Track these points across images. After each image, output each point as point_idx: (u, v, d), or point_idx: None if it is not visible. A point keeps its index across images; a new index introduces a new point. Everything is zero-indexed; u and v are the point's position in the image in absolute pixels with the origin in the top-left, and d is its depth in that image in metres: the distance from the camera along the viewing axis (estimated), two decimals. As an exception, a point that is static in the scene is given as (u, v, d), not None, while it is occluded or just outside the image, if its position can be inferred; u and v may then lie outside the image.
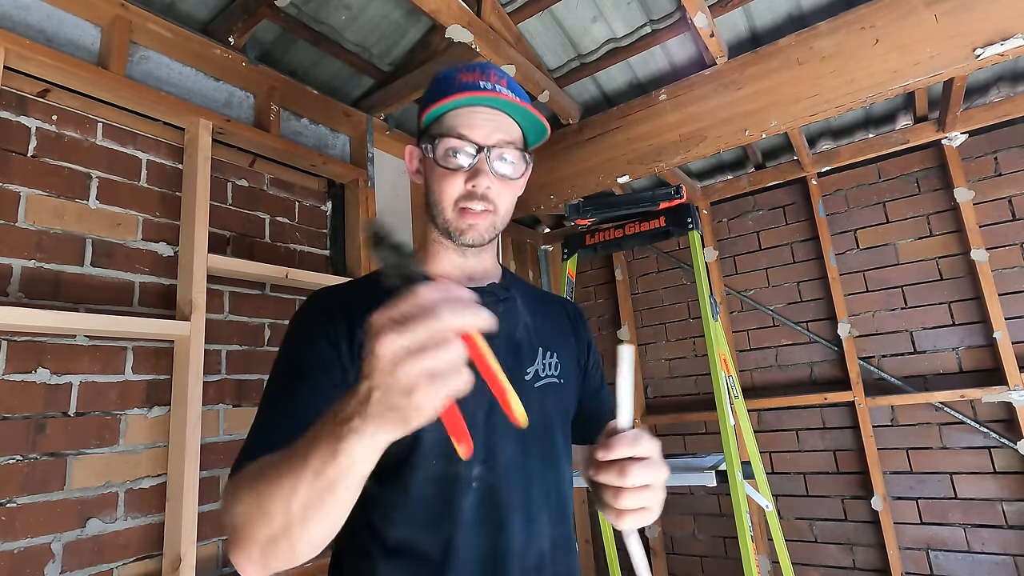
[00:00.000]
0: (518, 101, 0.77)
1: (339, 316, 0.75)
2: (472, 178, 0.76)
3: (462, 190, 0.77)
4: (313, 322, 0.76)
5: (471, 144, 0.77)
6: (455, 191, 0.77)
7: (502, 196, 0.80)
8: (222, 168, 1.78)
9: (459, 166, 0.77)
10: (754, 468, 2.21)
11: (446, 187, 0.78)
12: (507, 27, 1.92)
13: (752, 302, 2.80)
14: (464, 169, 0.77)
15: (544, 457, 0.78)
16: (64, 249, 1.40)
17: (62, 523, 1.29)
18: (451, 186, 0.77)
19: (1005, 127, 2.31)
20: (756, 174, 2.76)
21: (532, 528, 0.73)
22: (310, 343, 0.73)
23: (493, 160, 0.78)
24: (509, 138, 0.79)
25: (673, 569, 2.81)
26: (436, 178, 0.79)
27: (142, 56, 1.62)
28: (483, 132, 0.77)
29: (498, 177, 0.78)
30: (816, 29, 1.87)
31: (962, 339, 2.33)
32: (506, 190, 0.81)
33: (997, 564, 2.15)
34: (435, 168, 0.79)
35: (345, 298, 0.79)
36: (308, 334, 0.75)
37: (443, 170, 0.78)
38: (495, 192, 0.78)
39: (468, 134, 0.77)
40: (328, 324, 0.74)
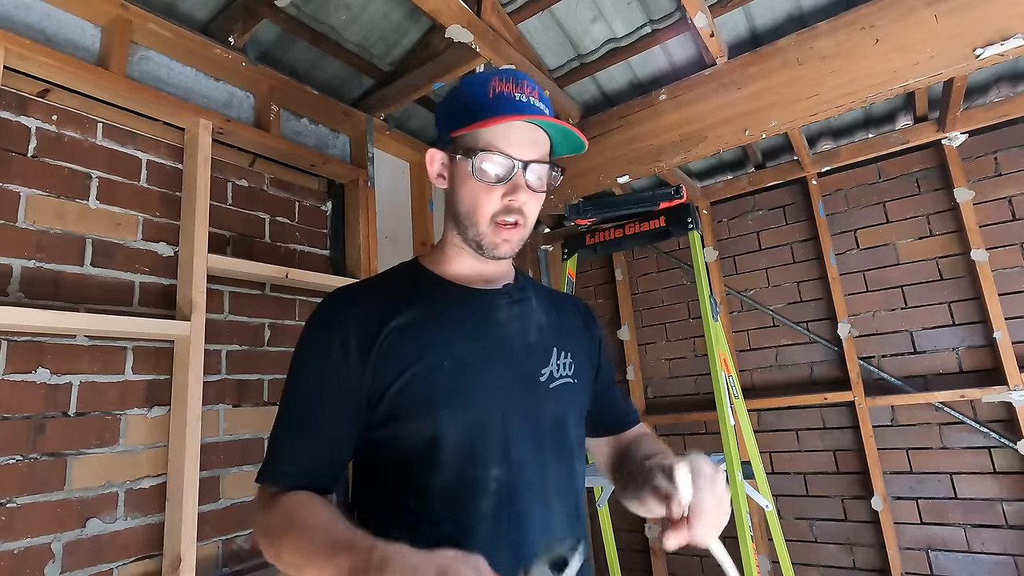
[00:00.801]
0: (559, 122, 0.78)
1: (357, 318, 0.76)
2: (510, 193, 0.77)
3: (499, 205, 0.78)
4: (329, 328, 0.77)
5: (509, 159, 0.77)
6: (492, 206, 0.78)
7: (532, 209, 0.81)
8: (222, 168, 1.78)
9: (497, 180, 0.77)
10: (754, 468, 2.21)
11: (482, 201, 0.78)
12: (507, 27, 1.92)
13: (752, 302, 2.80)
14: (502, 183, 0.78)
15: (559, 457, 0.79)
16: (64, 249, 1.40)
17: (62, 523, 1.29)
18: (488, 201, 0.78)
19: (1005, 127, 2.31)
20: (756, 174, 2.76)
21: (550, 526, 0.74)
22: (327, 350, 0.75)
23: (529, 175, 0.78)
24: (542, 152, 0.81)
25: (673, 569, 2.81)
26: (470, 191, 0.79)
27: (142, 56, 1.62)
28: (521, 147, 0.78)
29: (531, 192, 0.79)
30: (816, 29, 1.87)
31: (962, 339, 2.33)
32: (536, 202, 0.82)
33: (997, 564, 2.15)
34: (469, 180, 0.79)
35: (363, 299, 0.80)
36: (324, 340, 0.76)
37: (479, 184, 0.78)
38: (528, 206, 0.80)
39: (507, 150, 0.77)
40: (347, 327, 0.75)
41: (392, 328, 0.75)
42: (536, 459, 0.75)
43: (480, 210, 0.79)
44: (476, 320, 0.80)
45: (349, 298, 0.81)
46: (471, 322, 0.80)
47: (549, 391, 0.80)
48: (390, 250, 2.25)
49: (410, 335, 0.76)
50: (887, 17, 1.75)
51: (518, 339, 0.81)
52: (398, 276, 0.88)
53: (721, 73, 2.04)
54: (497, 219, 0.78)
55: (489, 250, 0.80)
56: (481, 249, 0.81)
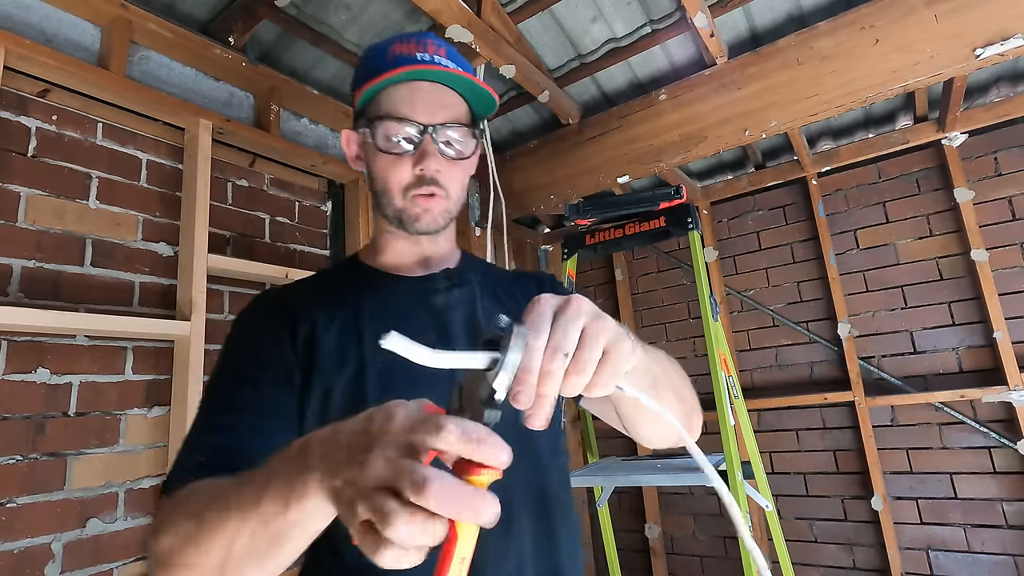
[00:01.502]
0: (459, 72, 0.70)
1: (284, 316, 0.70)
2: (419, 162, 0.70)
3: (410, 177, 0.71)
4: (257, 323, 0.71)
5: (414, 124, 0.70)
6: (403, 178, 0.72)
7: (452, 179, 0.73)
8: (222, 168, 1.78)
9: (404, 150, 0.71)
10: (754, 468, 2.21)
11: (392, 175, 0.72)
12: (507, 27, 1.92)
13: (752, 302, 2.80)
14: (409, 153, 0.71)
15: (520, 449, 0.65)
16: (64, 249, 1.40)
17: (62, 523, 1.29)
18: (397, 173, 0.71)
19: (1005, 127, 2.31)
20: (756, 174, 2.76)
21: (511, 528, 0.65)
22: (255, 347, 0.68)
23: (440, 140, 0.71)
24: (455, 115, 0.73)
25: (673, 569, 2.81)
26: (380, 165, 0.73)
27: (142, 56, 1.62)
28: (426, 110, 0.70)
29: (447, 159, 0.72)
30: (816, 29, 1.87)
31: (962, 339, 2.33)
32: (456, 171, 0.74)
33: (997, 564, 2.15)
34: (377, 154, 0.72)
35: (287, 299, 0.74)
36: (253, 338, 0.70)
37: (386, 156, 0.71)
38: (445, 175, 0.72)
39: (409, 114, 0.70)
40: (275, 324, 0.69)
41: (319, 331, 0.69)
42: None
43: (392, 183, 0.72)
44: (408, 310, 0.73)
45: (277, 295, 0.76)
46: (403, 313, 0.72)
47: None
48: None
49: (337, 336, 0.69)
50: (887, 17, 1.75)
51: (460, 326, 0.72)
52: (330, 274, 0.83)
53: (721, 73, 2.04)
54: (411, 192, 0.72)
55: (410, 224, 0.73)
56: (403, 225, 0.74)
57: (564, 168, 2.42)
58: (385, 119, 0.70)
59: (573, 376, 0.41)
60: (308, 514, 0.40)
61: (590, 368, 0.41)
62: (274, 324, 0.69)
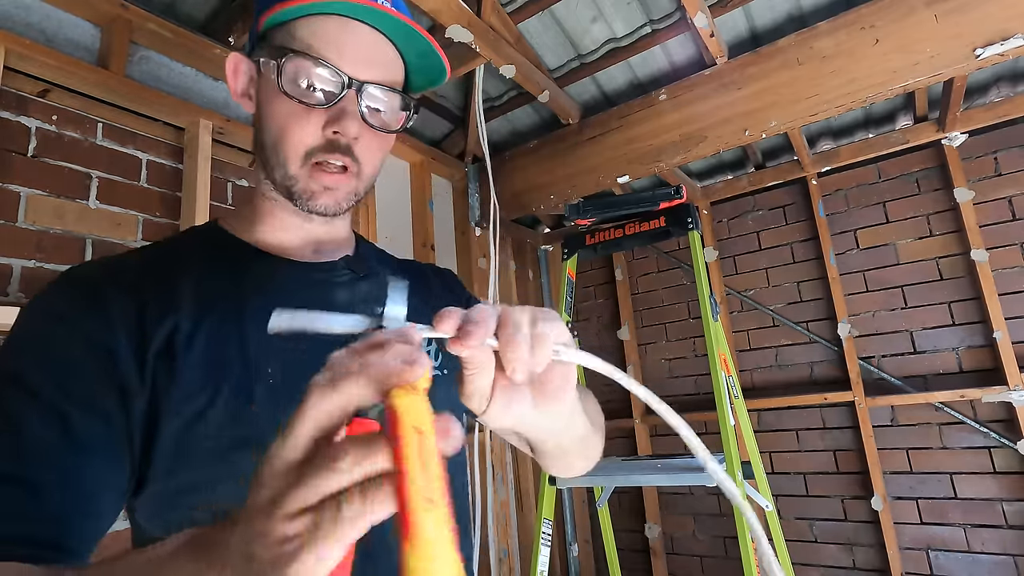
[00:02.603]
0: (407, 20, 0.54)
1: (119, 310, 0.49)
2: (335, 121, 0.54)
3: (319, 138, 0.55)
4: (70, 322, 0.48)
5: (337, 73, 0.54)
6: (308, 137, 0.55)
7: (370, 153, 0.58)
8: (222, 168, 1.78)
9: (316, 101, 0.54)
10: (754, 468, 2.21)
11: (295, 128, 0.54)
12: (507, 27, 1.92)
13: (752, 302, 2.80)
14: (323, 106, 0.54)
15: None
16: (64, 249, 1.40)
17: (62, 523, 1.29)
18: (302, 128, 0.54)
19: (1005, 127, 2.31)
20: (756, 174, 2.76)
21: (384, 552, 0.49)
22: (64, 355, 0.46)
23: (365, 100, 0.56)
24: (391, 75, 0.58)
25: (673, 569, 2.81)
26: (278, 112, 0.55)
27: (142, 56, 1.62)
28: (356, 59, 0.54)
29: (368, 126, 0.56)
30: (816, 29, 1.87)
31: (962, 339, 2.33)
32: (376, 146, 0.59)
33: (997, 564, 2.15)
34: (278, 98, 0.55)
35: (129, 281, 0.51)
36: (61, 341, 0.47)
37: (290, 103, 0.54)
38: (363, 145, 0.57)
39: (335, 59, 0.53)
40: (99, 324, 0.48)
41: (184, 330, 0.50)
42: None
43: (289, 140, 0.55)
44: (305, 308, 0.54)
45: (109, 278, 0.52)
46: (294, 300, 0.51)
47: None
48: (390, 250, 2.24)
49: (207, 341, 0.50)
50: (887, 17, 1.75)
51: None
52: (185, 248, 0.60)
53: (721, 73, 2.04)
54: (315, 157, 0.55)
55: (302, 200, 0.56)
56: (292, 197, 0.57)
57: (564, 168, 2.42)
58: (300, 55, 0.53)
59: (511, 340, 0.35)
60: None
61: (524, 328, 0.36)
62: (107, 321, 0.48)
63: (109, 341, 0.47)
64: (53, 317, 0.49)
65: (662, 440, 2.94)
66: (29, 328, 0.49)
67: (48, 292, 0.51)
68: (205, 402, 0.48)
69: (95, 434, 0.45)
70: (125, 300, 0.50)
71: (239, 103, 0.61)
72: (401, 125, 0.61)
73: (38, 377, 0.45)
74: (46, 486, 0.42)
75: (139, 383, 0.47)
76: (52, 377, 0.45)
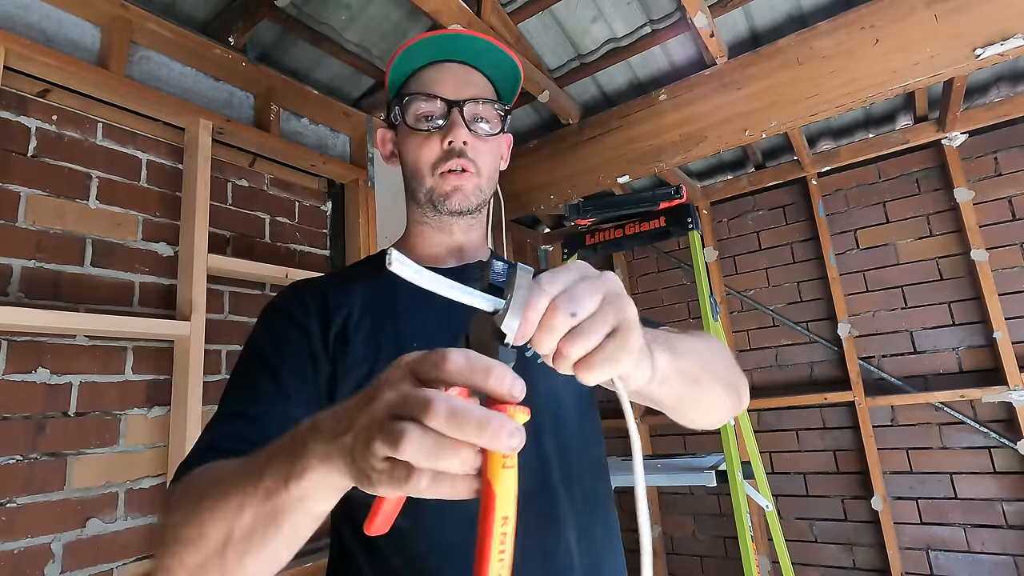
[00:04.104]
0: (483, 36, 0.72)
1: (313, 306, 0.69)
2: (447, 135, 0.71)
3: (439, 151, 0.72)
4: (285, 313, 0.69)
5: (441, 101, 0.72)
6: (432, 154, 0.72)
7: (482, 155, 0.74)
8: (222, 168, 1.78)
9: (432, 127, 0.72)
10: (754, 468, 2.20)
11: (422, 152, 0.72)
12: (507, 27, 1.92)
13: (752, 302, 2.80)
14: (438, 130, 0.72)
15: (557, 440, 0.67)
16: (64, 249, 1.40)
17: (62, 523, 1.29)
18: (427, 150, 0.72)
19: (1005, 127, 2.31)
20: (756, 174, 2.76)
21: (551, 523, 0.63)
22: (280, 334, 0.67)
23: (467, 115, 0.72)
24: (481, 92, 0.75)
25: (673, 569, 2.81)
26: (410, 146, 0.73)
27: (142, 56, 1.62)
28: (452, 87, 0.72)
29: (475, 134, 0.73)
30: (816, 29, 1.87)
31: (962, 339, 2.33)
32: (486, 149, 0.74)
33: (997, 564, 2.15)
34: (408, 135, 0.74)
35: (320, 288, 0.72)
36: (278, 326, 0.68)
37: (415, 133, 0.73)
38: (474, 150, 0.72)
39: (437, 90, 0.72)
40: (307, 313, 0.68)
41: (353, 319, 0.68)
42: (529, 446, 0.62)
43: (422, 161, 0.72)
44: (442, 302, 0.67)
45: (307, 286, 0.74)
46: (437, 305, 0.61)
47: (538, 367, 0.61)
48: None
49: (370, 327, 0.68)
50: (887, 17, 1.75)
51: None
52: (361, 266, 0.81)
53: (721, 73, 2.04)
54: (440, 168, 0.72)
55: (441, 203, 0.72)
56: (434, 206, 0.73)
57: (564, 168, 2.42)
58: (415, 96, 0.72)
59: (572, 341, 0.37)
60: (309, 491, 0.37)
61: (593, 338, 0.37)
62: (306, 313, 0.68)
63: (307, 324, 0.67)
64: (277, 310, 0.71)
65: (662, 440, 2.94)
66: (266, 317, 0.71)
67: (277, 295, 0.74)
68: (367, 369, 0.65)
69: (295, 387, 0.63)
70: (318, 299, 0.70)
71: (389, 164, 0.81)
72: (501, 128, 0.77)
73: (267, 348, 0.66)
74: (260, 419, 0.60)
75: (324, 355, 0.66)
76: (274, 347, 0.66)
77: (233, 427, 0.60)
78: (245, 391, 0.64)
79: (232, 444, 0.56)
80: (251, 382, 0.64)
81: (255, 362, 0.66)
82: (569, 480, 0.66)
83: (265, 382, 0.63)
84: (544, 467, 0.65)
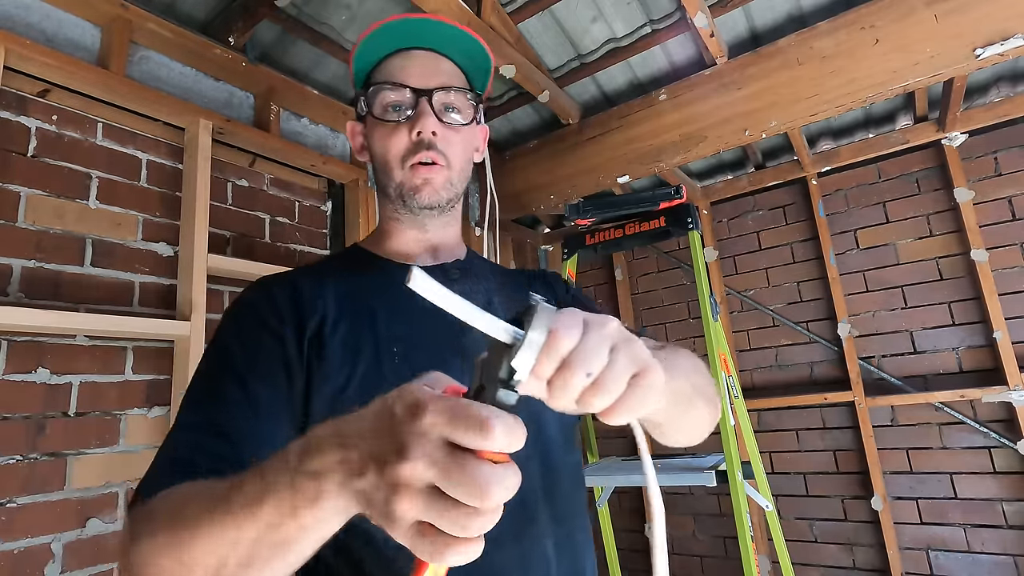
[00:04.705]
0: (447, 20, 0.69)
1: (286, 308, 0.64)
2: (415, 126, 0.68)
3: (407, 143, 0.69)
4: (256, 316, 0.64)
5: (409, 90, 0.68)
6: (400, 146, 0.69)
7: (453, 147, 0.70)
8: (222, 168, 1.78)
9: (401, 118, 0.69)
10: (754, 468, 2.21)
11: (390, 144, 0.69)
12: (507, 27, 1.92)
13: (752, 302, 2.80)
14: (407, 120, 0.69)
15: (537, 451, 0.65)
16: (64, 249, 1.40)
17: (62, 523, 1.29)
18: (395, 141, 0.69)
19: (1005, 127, 2.31)
20: (756, 174, 2.76)
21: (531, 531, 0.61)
22: (252, 338, 0.62)
23: (436, 105, 0.69)
24: (451, 80, 0.71)
25: (673, 569, 2.81)
26: (378, 137, 0.71)
27: (142, 56, 1.62)
28: (420, 75, 0.69)
29: (444, 124, 0.70)
30: (816, 29, 1.87)
31: (962, 339, 2.33)
32: (457, 139, 0.71)
33: (997, 564, 2.15)
34: (375, 126, 0.71)
35: (292, 284, 0.67)
36: (250, 328, 0.63)
37: (383, 125, 0.70)
38: (444, 140, 0.69)
39: (404, 79, 0.69)
40: (278, 315, 0.63)
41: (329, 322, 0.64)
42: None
43: (390, 153, 0.69)
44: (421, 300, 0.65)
45: (276, 281, 0.69)
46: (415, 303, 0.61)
47: None
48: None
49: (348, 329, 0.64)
50: (887, 17, 1.75)
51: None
52: (334, 262, 0.78)
53: (721, 73, 2.04)
54: (409, 160, 0.69)
55: (410, 197, 0.69)
56: (404, 200, 0.70)
57: (564, 168, 2.42)
58: (381, 85, 0.69)
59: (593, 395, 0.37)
60: (321, 519, 0.36)
61: (615, 391, 0.37)
62: (280, 318, 0.63)
63: (281, 331, 0.62)
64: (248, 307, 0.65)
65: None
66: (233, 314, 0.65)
67: (245, 291, 0.68)
68: (348, 373, 0.61)
69: (266, 397, 0.58)
70: (290, 301, 0.64)
71: (360, 157, 0.77)
72: (473, 118, 0.73)
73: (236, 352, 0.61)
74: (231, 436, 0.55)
75: (299, 363, 0.61)
76: (244, 352, 0.61)
77: (200, 439, 0.55)
78: (211, 397, 0.58)
79: (202, 460, 0.52)
80: (217, 387, 0.59)
81: (222, 366, 0.61)
82: (550, 488, 0.65)
83: (233, 388, 0.58)
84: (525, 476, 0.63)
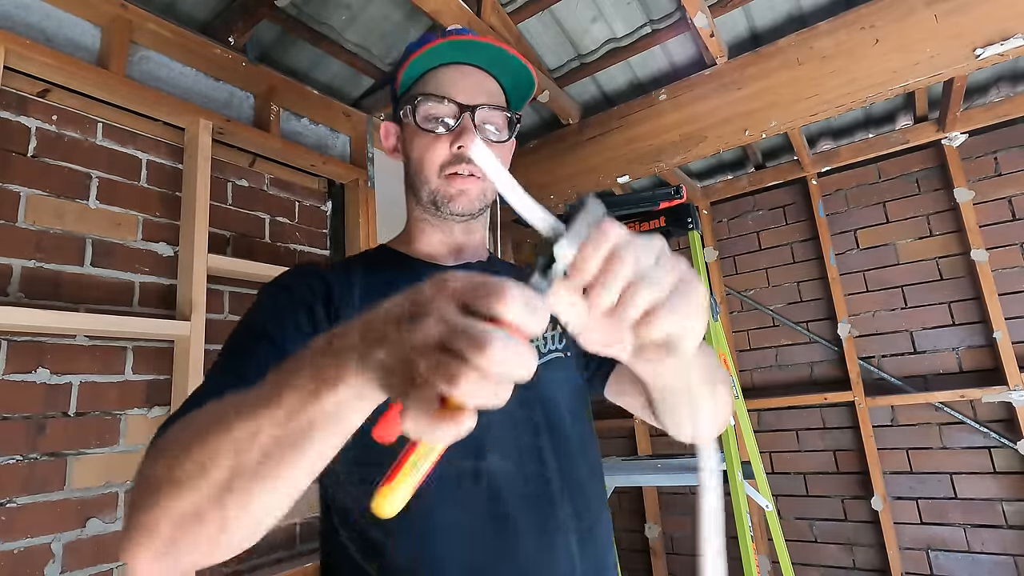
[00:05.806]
0: (502, 45, 0.72)
1: (322, 288, 0.67)
2: (457, 139, 0.70)
3: (447, 154, 0.71)
4: (294, 288, 0.67)
5: (454, 104, 0.71)
6: (440, 156, 0.71)
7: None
8: (222, 168, 1.78)
9: (445, 128, 0.72)
10: (754, 468, 2.20)
11: (430, 153, 0.71)
12: (507, 27, 1.92)
13: (752, 302, 2.80)
14: (449, 131, 0.71)
15: (554, 441, 0.67)
16: (64, 249, 1.40)
17: (62, 523, 1.29)
18: (435, 151, 0.71)
19: (1005, 127, 2.31)
20: (756, 174, 2.76)
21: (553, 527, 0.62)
22: (286, 308, 0.64)
23: (477, 120, 0.72)
24: (493, 99, 0.75)
25: (673, 569, 2.81)
26: (417, 145, 0.73)
27: (142, 56, 1.62)
28: (467, 91, 0.72)
29: (485, 140, 0.73)
30: (816, 29, 1.87)
31: (962, 339, 2.33)
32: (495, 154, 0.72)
33: (997, 564, 2.15)
34: (416, 134, 0.73)
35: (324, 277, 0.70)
36: (284, 304, 0.65)
37: (425, 135, 0.72)
38: None
39: (451, 94, 0.71)
40: (311, 293, 0.66)
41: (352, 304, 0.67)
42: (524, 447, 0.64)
43: (428, 161, 0.71)
44: None
45: (312, 267, 0.73)
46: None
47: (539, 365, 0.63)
48: (390, 250, 2.24)
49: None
50: (887, 17, 1.75)
51: None
52: (363, 258, 0.80)
53: (721, 73, 2.04)
54: (447, 170, 0.71)
55: (445, 205, 0.72)
56: (438, 207, 0.72)
57: (564, 168, 2.42)
58: (428, 97, 0.71)
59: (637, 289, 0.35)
60: (342, 403, 0.35)
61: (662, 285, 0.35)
62: (311, 293, 0.66)
63: (312, 304, 0.65)
64: (281, 287, 0.68)
65: (662, 440, 2.94)
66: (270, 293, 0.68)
67: (281, 275, 0.71)
68: None
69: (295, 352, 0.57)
70: (322, 284, 0.68)
71: (391, 157, 0.80)
72: (509, 135, 0.77)
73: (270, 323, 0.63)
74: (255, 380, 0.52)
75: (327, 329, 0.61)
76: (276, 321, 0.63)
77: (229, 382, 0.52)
78: (241, 354, 0.60)
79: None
80: (247, 346, 0.60)
81: (251, 331, 0.62)
82: (570, 484, 0.66)
83: (263, 346, 0.59)
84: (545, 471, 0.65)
